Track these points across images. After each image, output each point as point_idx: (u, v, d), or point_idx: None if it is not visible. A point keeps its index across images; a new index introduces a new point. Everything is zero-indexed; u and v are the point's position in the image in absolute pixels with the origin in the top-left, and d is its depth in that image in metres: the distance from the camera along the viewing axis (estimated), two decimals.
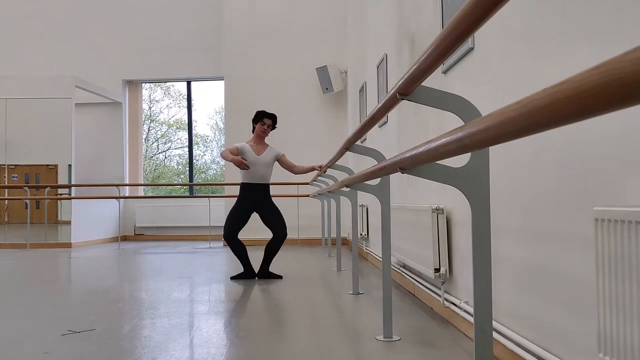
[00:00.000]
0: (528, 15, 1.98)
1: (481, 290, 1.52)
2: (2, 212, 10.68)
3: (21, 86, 9.43)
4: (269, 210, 5.03)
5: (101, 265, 6.31)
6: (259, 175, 5.04)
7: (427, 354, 2.40)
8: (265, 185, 5.07)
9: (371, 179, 2.34)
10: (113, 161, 10.90)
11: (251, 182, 5.04)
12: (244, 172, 5.02)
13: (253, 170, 5.01)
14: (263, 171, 5.05)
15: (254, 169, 5.01)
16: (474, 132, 0.92)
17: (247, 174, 5.02)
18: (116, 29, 11.02)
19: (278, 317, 3.24)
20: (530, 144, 1.95)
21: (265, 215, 5.02)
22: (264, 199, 5.04)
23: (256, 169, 5.02)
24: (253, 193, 5.02)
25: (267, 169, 5.08)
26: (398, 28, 4.49)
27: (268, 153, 5.10)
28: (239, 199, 5.06)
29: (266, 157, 5.07)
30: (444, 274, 2.99)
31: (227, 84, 9.45)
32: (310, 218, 9.11)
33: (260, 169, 5.03)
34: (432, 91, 1.62)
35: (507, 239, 2.18)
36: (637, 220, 1.21)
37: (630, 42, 1.35)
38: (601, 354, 1.35)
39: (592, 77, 0.53)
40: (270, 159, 5.09)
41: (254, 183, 5.04)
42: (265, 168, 5.06)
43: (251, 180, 5.04)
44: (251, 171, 5.01)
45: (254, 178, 5.03)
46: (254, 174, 5.02)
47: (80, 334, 2.82)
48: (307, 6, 9.38)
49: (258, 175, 5.04)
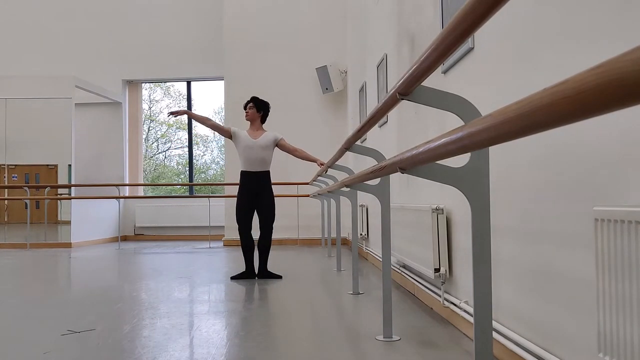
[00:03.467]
0: (528, 15, 1.98)
1: (481, 290, 1.52)
2: (2, 212, 10.68)
3: (21, 86, 9.43)
4: (265, 203, 5.01)
5: (101, 265, 6.31)
6: (257, 160, 4.99)
7: (427, 354, 2.40)
8: (265, 172, 5.02)
9: (371, 179, 2.34)
10: (113, 161, 10.90)
11: (250, 169, 4.99)
12: (243, 158, 4.99)
13: (251, 154, 4.96)
14: (262, 154, 4.98)
15: (251, 153, 4.96)
16: (474, 132, 0.92)
17: (246, 159, 4.98)
18: (116, 29, 11.02)
19: (278, 317, 3.24)
20: (530, 144, 1.95)
21: (260, 207, 5.02)
22: (262, 190, 5.00)
23: (254, 152, 4.97)
24: (252, 181, 4.99)
25: (266, 152, 5.01)
26: (398, 28, 4.49)
27: (265, 136, 5.05)
28: (239, 189, 5.04)
29: (263, 140, 5.01)
30: (444, 274, 2.99)
31: (227, 84, 9.45)
32: (310, 218, 9.11)
33: (259, 152, 4.98)
34: (432, 91, 1.62)
35: (507, 239, 2.18)
36: (637, 220, 1.21)
37: (630, 42, 1.35)
38: (601, 353, 1.35)
39: (592, 77, 0.53)
40: (268, 142, 5.02)
41: (253, 171, 4.99)
42: (264, 151, 4.99)
43: (250, 167, 4.99)
44: (249, 156, 4.97)
45: (253, 164, 4.98)
46: (253, 159, 4.98)
47: (80, 334, 2.82)
48: (307, 6, 9.38)
49: (257, 160, 4.98)
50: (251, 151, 4.98)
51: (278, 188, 8.16)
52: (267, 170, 5.06)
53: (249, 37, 9.41)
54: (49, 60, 10.90)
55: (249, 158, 4.99)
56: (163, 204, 10.99)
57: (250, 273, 4.96)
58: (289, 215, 9.01)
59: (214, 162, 23.04)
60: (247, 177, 5.01)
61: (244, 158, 5.00)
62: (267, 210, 5.03)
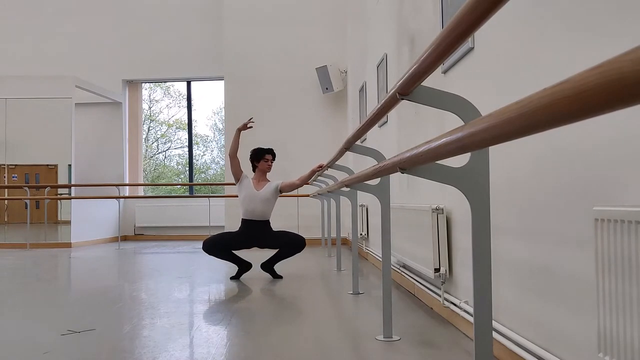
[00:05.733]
0: (528, 15, 1.98)
1: (481, 290, 1.52)
2: (2, 212, 10.68)
3: (21, 86, 9.43)
4: (272, 239, 4.94)
5: (101, 265, 6.31)
6: (258, 212, 4.94)
7: (427, 354, 2.40)
8: (265, 221, 4.98)
9: (371, 179, 2.34)
10: (113, 161, 10.90)
11: (251, 218, 4.95)
12: (244, 208, 4.94)
13: (252, 205, 4.92)
14: (263, 207, 4.94)
15: (251, 204, 4.91)
16: (474, 132, 0.92)
17: (247, 209, 4.92)
18: (116, 29, 11.02)
19: (278, 317, 3.24)
20: (530, 143, 1.95)
21: (271, 243, 4.94)
22: (264, 236, 4.95)
23: (255, 204, 4.92)
24: (252, 229, 4.94)
25: (267, 205, 4.96)
26: (398, 28, 4.49)
27: (267, 188, 4.99)
28: (239, 230, 4.98)
29: (265, 193, 4.96)
30: (444, 274, 2.99)
31: (227, 84, 9.45)
32: (310, 218, 9.11)
33: (259, 205, 4.93)
34: (432, 91, 1.62)
35: (507, 239, 2.18)
36: (637, 220, 1.21)
37: (630, 42, 1.35)
38: (601, 353, 1.35)
39: (592, 77, 0.53)
40: (269, 195, 4.97)
41: (253, 220, 4.94)
42: (265, 204, 4.94)
43: (251, 216, 4.94)
44: (249, 206, 4.92)
45: (254, 214, 4.94)
46: (253, 209, 4.92)
47: (80, 334, 2.82)
48: (307, 6, 9.38)
49: (257, 211, 4.94)
50: (252, 202, 4.93)
51: None
52: (268, 220, 5.01)
53: (248, 37, 9.41)
54: (49, 60, 10.89)
55: (249, 209, 4.94)
56: (163, 204, 10.99)
57: (246, 266, 4.90)
58: (289, 215, 9.01)
59: (214, 162, 23.04)
60: (248, 226, 4.95)
61: (244, 207, 4.96)
62: (278, 237, 4.94)
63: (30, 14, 11.14)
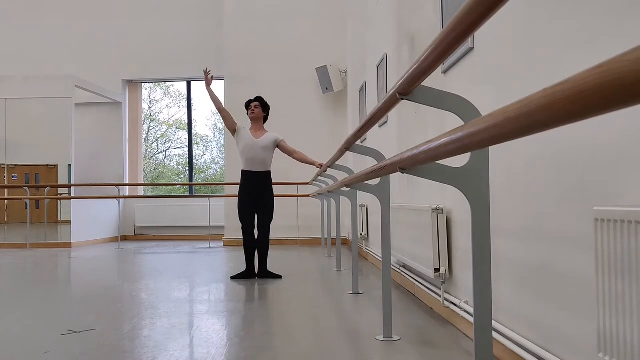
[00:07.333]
0: (528, 15, 1.98)
1: (481, 290, 1.52)
2: (2, 212, 10.68)
3: (21, 86, 9.43)
4: (265, 203, 5.03)
5: (101, 265, 6.31)
6: (259, 160, 5.01)
7: (427, 354, 2.40)
8: (266, 172, 5.04)
9: (371, 179, 2.34)
10: (113, 161, 10.90)
11: (251, 169, 5.01)
12: (244, 158, 5.01)
13: (251, 153, 4.98)
14: (262, 155, 5.01)
15: (252, 152, 4.98)
16: (474, 132, 0.92)
17: (246, 158, 5.00)
18: (116, 29, 11.02)
19: (278, 317, 3.24)
20: (530, 143, 1.95)
21: (260, 207, 5.03)
22: (264, 190, 5.02)
23: (255, 152, 4.99)
24: (253, 182, 5.00)
25: (266, 153, 5.03)
26: (398, 28, 4.49)
27: (267, 137, 5.07)
28: (240, 189, 5.06)
29: (264, 141, 5.03)
30: (444, 274, 2.99)
31: (227, 84, 9.45)
32: (310, 218, 9.11)
33: (260, 153, 5.00)
34: (432, 91, 1.62)
35: (507, 239, 2.18)
36: (637, 220, 1.21)
37: (630, 42, 1.35)
38: (601, 353, 1.35)
39: (592, 77, 0.53)
40: (268, 143, 5.04)
41: (253, 171, 5.01)
42: (264, 152, 5.01)
43: (251, 167, 5.01)
44: (249, 155, 4.98)
45: (254, 164, 5.00)
46: (253, 159, 4.99)
47: (80, 334, 2.82)
48: (307, 6, 9.38)
49: (258, 159, 5.00)
50: (251, 150, 4.99)
51: (278, 188, 8.15)
52: (268, 171, 5.07)
53: (249, 37, 9.41)
54: (49, 60, 10.89)
55: (249, 157, 5.00)
56: (163, 204, 10.99)
57: (250, 273, 4.96)
58: (289, 215, 9.01)
59: (214, 162, 23.04)
60: (248, 177, 5.02)
61: (245, 157, 5.02)
62: (266, 211, 5.05)
63: (31, 14, 11.14)
